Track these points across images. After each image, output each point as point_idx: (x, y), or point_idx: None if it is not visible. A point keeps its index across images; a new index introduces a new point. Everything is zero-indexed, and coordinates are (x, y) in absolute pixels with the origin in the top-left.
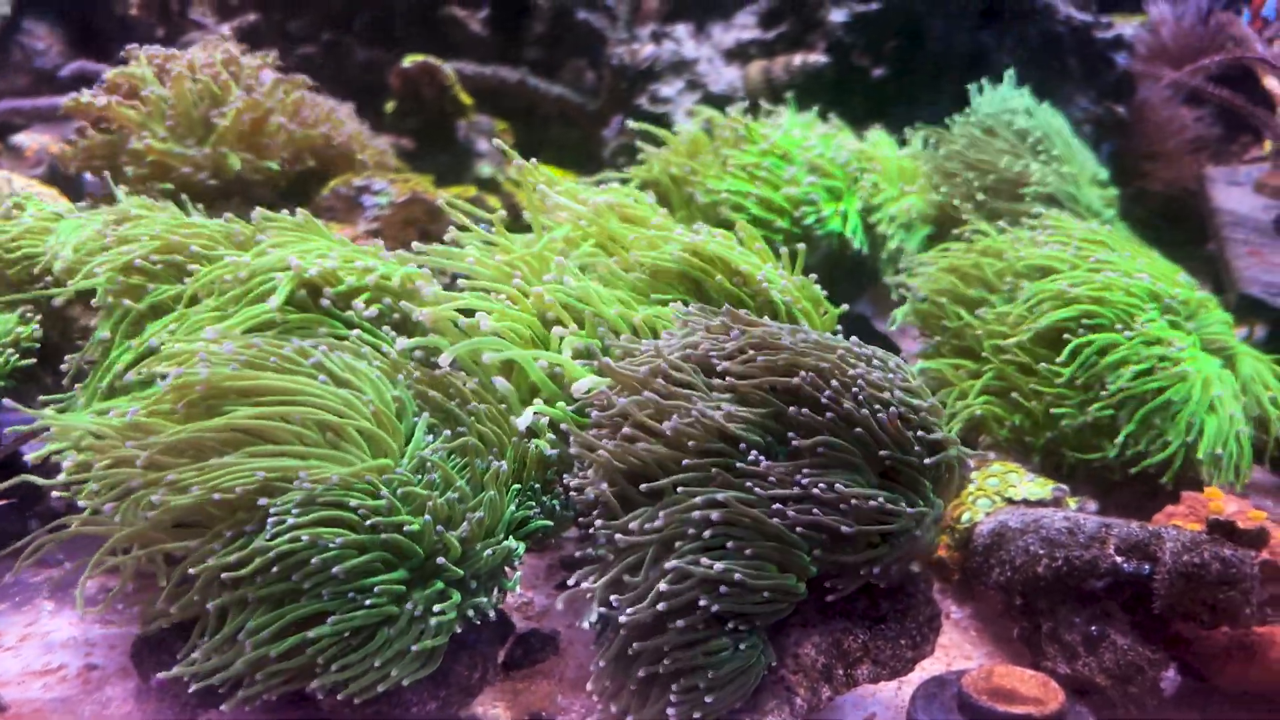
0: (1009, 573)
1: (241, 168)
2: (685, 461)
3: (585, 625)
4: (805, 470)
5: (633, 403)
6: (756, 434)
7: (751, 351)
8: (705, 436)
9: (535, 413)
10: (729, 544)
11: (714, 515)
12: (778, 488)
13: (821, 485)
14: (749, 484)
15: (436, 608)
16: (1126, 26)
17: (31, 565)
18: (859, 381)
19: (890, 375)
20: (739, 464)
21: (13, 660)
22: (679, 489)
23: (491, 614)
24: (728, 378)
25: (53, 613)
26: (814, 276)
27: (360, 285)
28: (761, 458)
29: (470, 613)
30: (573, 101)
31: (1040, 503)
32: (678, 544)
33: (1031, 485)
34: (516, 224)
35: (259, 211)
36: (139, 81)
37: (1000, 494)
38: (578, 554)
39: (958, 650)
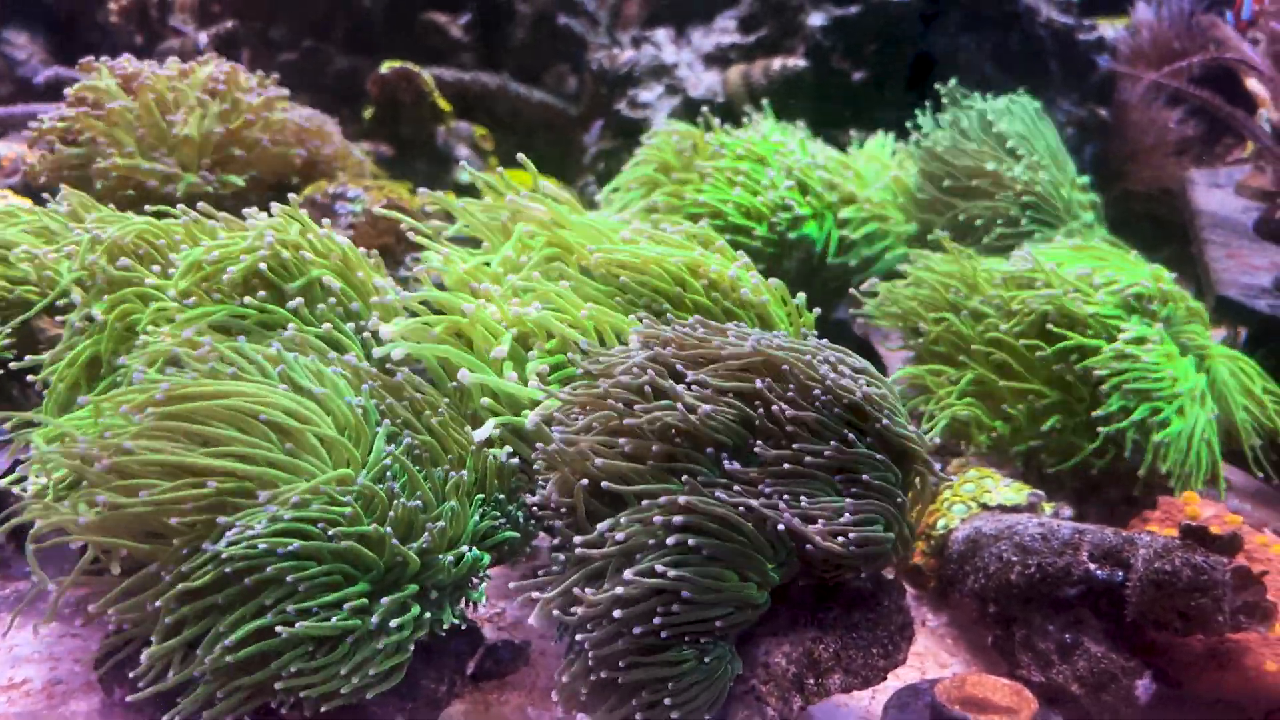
0: (982, 580)
1: (210, 182)
2: (650, 464)
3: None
4: (769, 481)
5: (595, 417)
6: (723, 438)
7: (714, 351)
8: (669, 444)
9: (496, 424)
10: (690, 542)
11: (676, 520)
12: (744, 496)
13: (786, 497)
14: (716, 493)
15: (394, 621)
16: (1109, 29)
17: None
18: (826, 382)
19: (858, 376)
20: (703, 474)
21: None
22: (643, 500)
23: (459, 624)
24: (691, 384)
25: (18, 626)
26: (776, 281)
27: (320, 270)
28: (733, 463)
29: (430, 626)
30: (555, 107)
31: (1015, 508)
32: (638, 555)
33: (1007, 491)
34: None
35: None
36: (104, 94)
37: (976, 499)
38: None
39: (933, 658)
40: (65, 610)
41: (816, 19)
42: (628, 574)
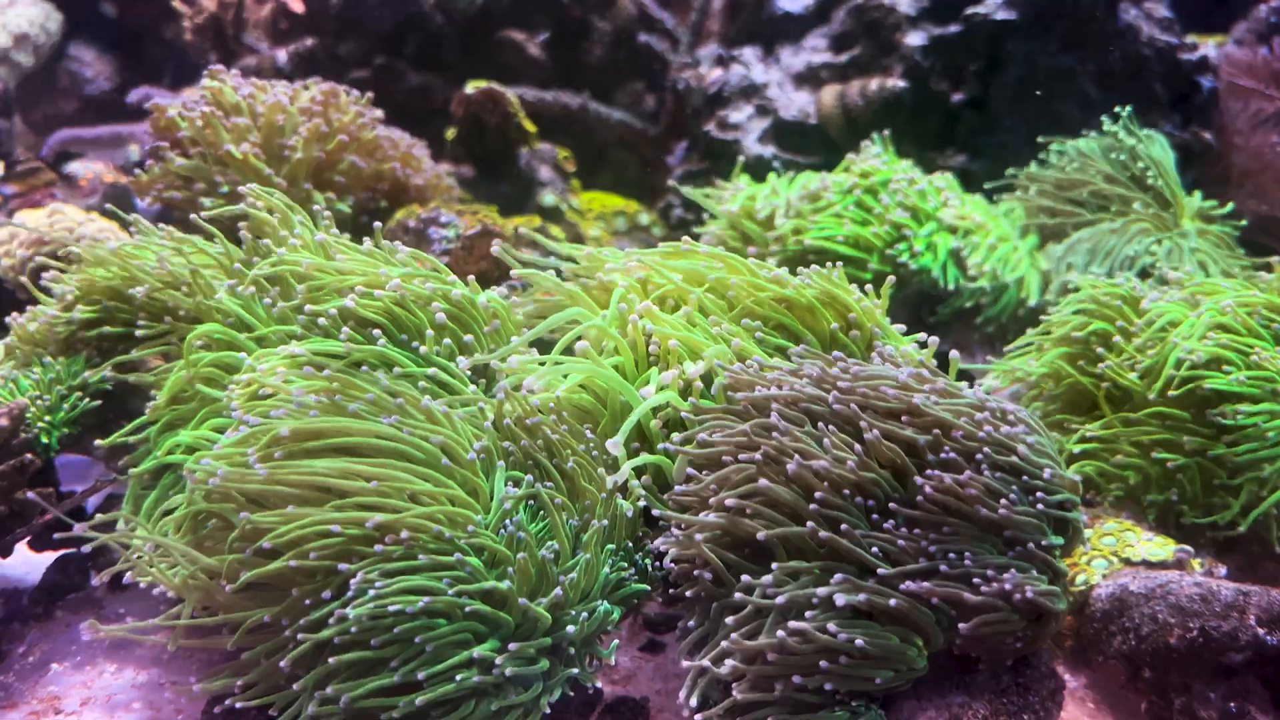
0: (1133, 641)
1: (316, 203)
2: (807, 526)
3: (690, 702)
4: (932, 539)
5: (734, 469)
6: (878, 493)
7: (864, 398)
8: (823, 499)
9: (632, 468)
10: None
11: (840, 600)
12: (904, 556)
13: (951, 555)
14: (874, 550)
15: (525, 680)
16: (1209, 47)
17: (91, 623)
18: (984, 448)
19: (1015, 429)
20: (859, 529)
21: None
22: (798, 562)
23: (588, 686)
24: (842, 430)
25: (114, 674)
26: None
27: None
28: (888, 522)
29: (563, 686)
30: (633, 126)
31: (1162, 565)
32: (798, 611)
33: (1151, 545)
34: None
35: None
36: (228, 108)
37: (1117, 554)
38: (670, 613)
39: None
40: (164, 656)
41: (915, 38)
42: (792, 624)
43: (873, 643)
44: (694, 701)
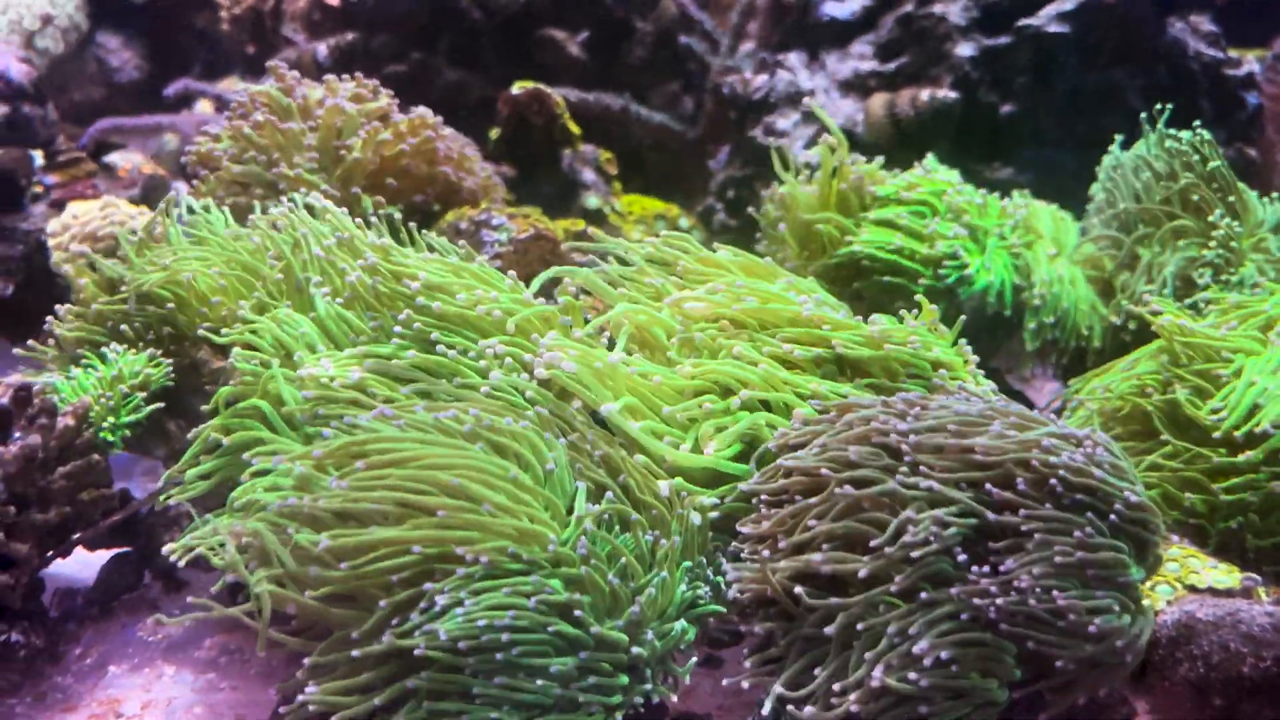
0: (1201, 669)
1: (369, 209)
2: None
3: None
4: (1023, 577)
5: (806, 506)
6: (959, 538)
7: (942, 437)
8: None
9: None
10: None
11: (924, 644)
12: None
13: (1038, 590)
14: (955, 591)
15: (602, 697)
16: (1252, 62)
17: (148, 623)
18: (1059, 472)
19: (1096, 449)
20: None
21: None
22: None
23: (656, 699)
24: (920, 466)
25: (173, 677)
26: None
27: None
28: (972, 566)
29: (639, 700)
30: (673, 129)
31: (1228, 593)
32: (868, 652)
33: (1216, 573)
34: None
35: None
36: (282, 112)
37: (1181, 580)
38: (729, 628)
39: None
40: (221, 660)
41: (965, 49)
42: (876, 674)
43: (953, 683)
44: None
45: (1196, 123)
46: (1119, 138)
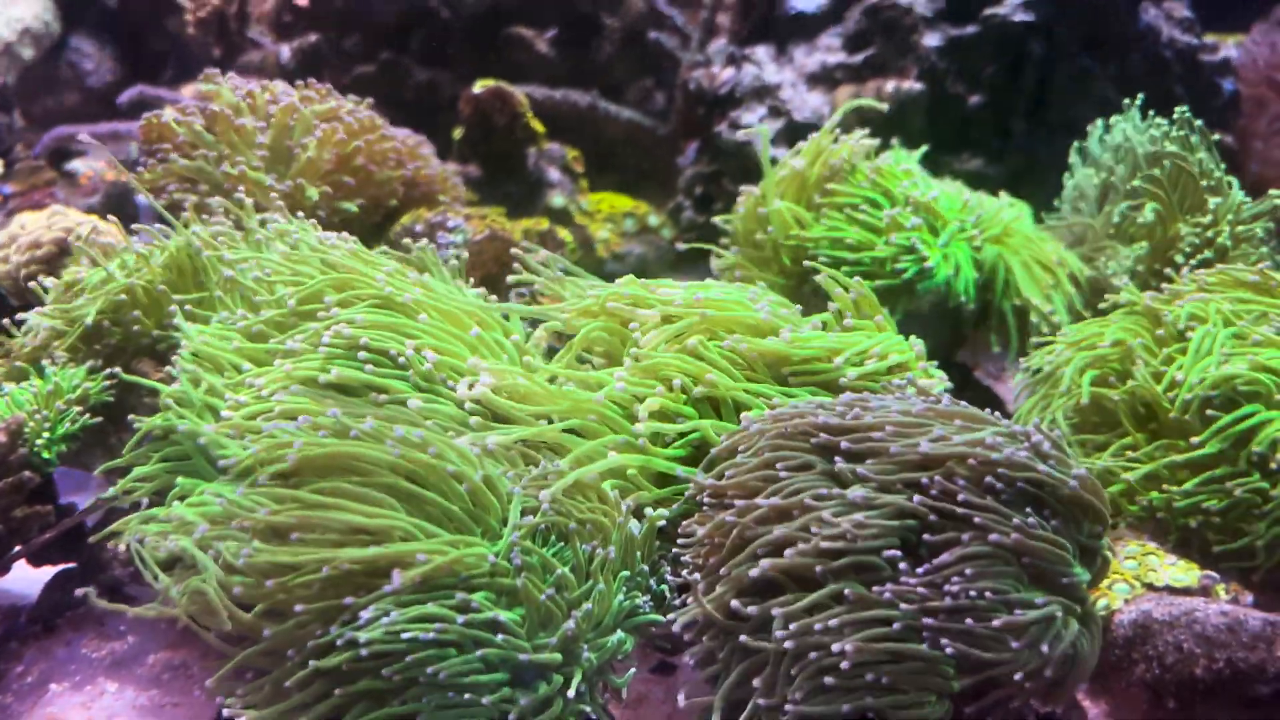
0: (1157, 670)
1: (320, 205)
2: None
3: None
4: (955, 579)
5: (742, 509)
6: (893, 539)
7: (880, 435)
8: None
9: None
10: (867, 676)
11: (848, 648)
12: (918, 597)
13: (971, 592)
14: (885, 593)
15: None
16: (1229, 48)
17: (92, 639)
18: (999, 469)
19: (1039, 447)
20: (877, 563)
21: None
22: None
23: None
24: (856, 469)
25: (115, 694)
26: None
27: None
28: (902, 563)
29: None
30: (643, 125)
31: (1186, 591)
32: (801, 665)
33: (1174, 570)
34: (589, 255)
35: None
36: (232, 109)
37: (1139, 579)
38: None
39: None
40: (165, 676)
41: (931, 39)
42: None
43: (887, 703)
44: None
45: (1183, 109)
46: (1095, 130)
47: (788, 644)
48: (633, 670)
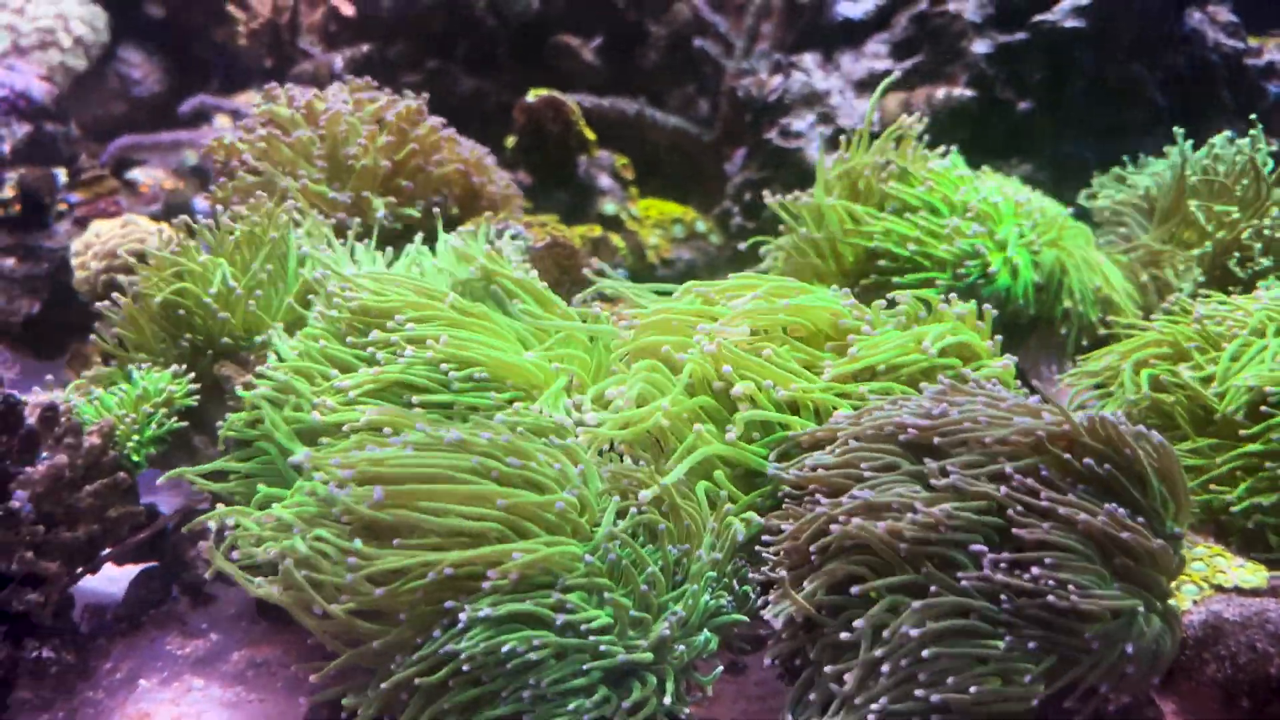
0: (1229, 669)
1: (385, 212)
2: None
3: None
4: (1037, 573)
5: (831, 505)
6: (977, 535)
7: (965, 433)
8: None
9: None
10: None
11: (928, 652)
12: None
13: (1052, 583)
14: (972, 586)
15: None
16: (1273, 51)
17: (176, 637)
18: (1084, 460)
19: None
20: (959, 567)
21: None
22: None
23: (683, 714)
24: (944, 468)
25: (202, 690)
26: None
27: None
28: (986, 558)
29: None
30: (688, 132)
31: (1255, 592)
32: (886, 665)
33: (1242, 572)
34: (641, 261)
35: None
36: (288, 123)
37: (1208, 580)
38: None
39: None
40: (249, 673)
41: (981, 46)
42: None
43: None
44: None
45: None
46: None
47: (877, 650)
48: (720, 669)
